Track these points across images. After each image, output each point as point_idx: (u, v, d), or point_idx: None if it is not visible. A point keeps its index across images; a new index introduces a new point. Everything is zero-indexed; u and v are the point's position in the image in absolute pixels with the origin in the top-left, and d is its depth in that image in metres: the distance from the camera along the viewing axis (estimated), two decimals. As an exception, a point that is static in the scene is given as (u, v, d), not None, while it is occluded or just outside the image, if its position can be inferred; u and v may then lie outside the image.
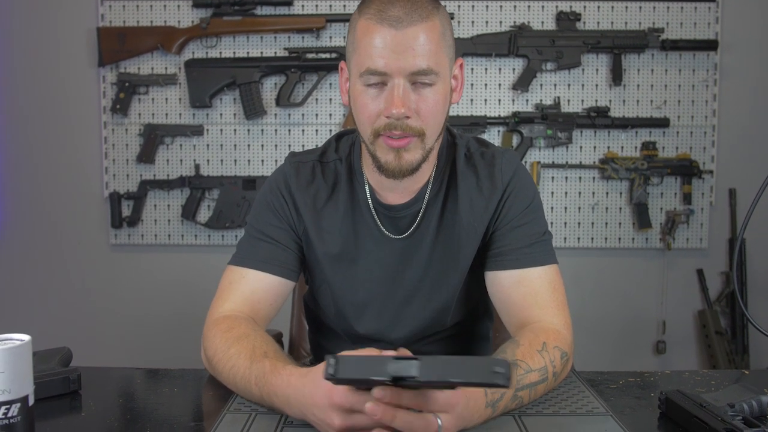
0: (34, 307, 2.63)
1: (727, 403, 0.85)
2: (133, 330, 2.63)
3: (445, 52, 0.97)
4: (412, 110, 0.96)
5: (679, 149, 2.54)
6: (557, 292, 1.05)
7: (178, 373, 1.08)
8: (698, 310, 2.61)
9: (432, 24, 0.95)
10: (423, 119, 0.97)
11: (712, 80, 2.51)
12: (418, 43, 0.93)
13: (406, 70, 0.94)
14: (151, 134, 2.52)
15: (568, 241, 2.56)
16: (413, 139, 0.97)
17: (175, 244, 2.58)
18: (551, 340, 0.96)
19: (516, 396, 0.87)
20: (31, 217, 2.62)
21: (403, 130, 0.96)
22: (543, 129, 2.49)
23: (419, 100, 0.96)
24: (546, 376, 0.92)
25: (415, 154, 0.99)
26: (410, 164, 0.99)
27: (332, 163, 1.12)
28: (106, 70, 2.53)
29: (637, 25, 2.50)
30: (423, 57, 0.94)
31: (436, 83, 0.96)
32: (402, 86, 0.94)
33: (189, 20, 2.51)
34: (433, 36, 0.95)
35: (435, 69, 0.95)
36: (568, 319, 1.04)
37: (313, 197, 1.10)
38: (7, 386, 0.73)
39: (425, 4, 0.96)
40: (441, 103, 0.98)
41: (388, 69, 0.94)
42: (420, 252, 1.09)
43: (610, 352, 2.61)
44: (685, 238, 2.56)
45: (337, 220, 1.09)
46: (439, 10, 0.98)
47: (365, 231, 1.09)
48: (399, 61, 0.93)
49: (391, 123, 0.96)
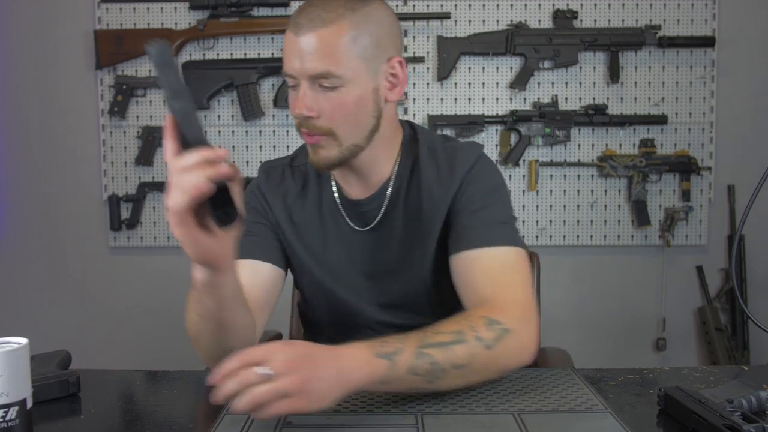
0: (33, 309, 2.63)
1: (725, 399, 0.85)
2: (132, 332, 2.63)
3: (355, 55, 1.00)
4: (316, 111, 1.01)
5: (677, 146, 2.54)
6: (516, 271, 1.02)
7: (177, 375, 1.08)
8: (698, 306, 2.61)
9: (335, 28, 0.98)
10: (329, 120, 1.02)
11: (709, 77, 2.52)
12: (314, 49, 0.98)
13: (305, 73, 0.99)
14: (149, 136, 2.53)
15: (567, 239, 2.56)
16: (322, 137, 1.03)
17: (175, 246, 2.57)
18: (479, 311, 0.94)
19: (421, 353, 0.85)
20: (30, 220, 2.62)
21: (310, 129, 1.03)
22: (541, 127, 2.49)
23: (324, 101, 1.01)
24: (463, 339, 0.88)
25: (330, 151, 1.04)
26: (326, 159, 1.05)
27: (302, 166, 1.18)
28: (103, 73, 2.53)
29: (634, 22, 2.50)
30: (319, 61, 0.98)
31: (343, 86, 1.00)
32: (304, 89, 1.00)
33: (186, 22, 2.51)
34: (333, 40, 0.98)
35: (336, 73, 0.99)
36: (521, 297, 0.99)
37: (283, 196, 1.16)
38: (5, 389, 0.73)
39: (336, 8, 0.99)
40: (350, 104, 1.01)
41: (293, 72, 1.00)
42: (387, 244, 1.13)
43: (611, 349, 2.61)
44: (684, 235, 2.56)
45: (306, 216, 1.15)
46: (355, 12, 1.00)
47: (334, 226, 1.14)
48: (299, 65, 0.99)
49: (300, 122, 1.03)
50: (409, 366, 0.84)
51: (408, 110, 2.53)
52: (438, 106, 2.53)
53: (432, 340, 0.87)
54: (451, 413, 0.88)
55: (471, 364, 0.89)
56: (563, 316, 2.56)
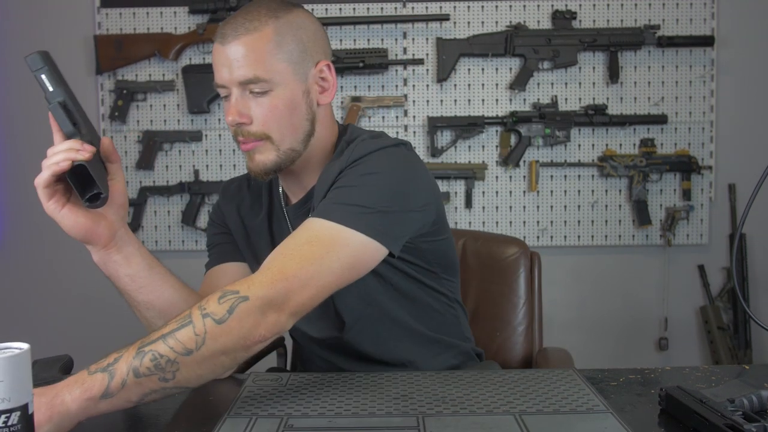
0: (34, 314, 2.63)
1: (727, 399, 0.85)
2: (134, 337, 2.62)
3: (280, 59, 1.02)
4: (248, 116, 1.02)
5: (677, 145, 2.54)
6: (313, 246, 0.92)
7: (179, 379, 1.08)
8: (700, 306, 2.61)
9: (259, 35, 1.01)
10: (262, 124, 1.03)
11: (709, 76, 2.52)
12: (241, 56, 1.00)
13: (234, 80, 1.01)
14: (149, 141, 2.53)
15: (568, 240, 2.56)
16: (258, 143, 1.04)
17: (176, 249, 2.59)
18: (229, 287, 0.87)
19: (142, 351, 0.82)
20: (31, 225, 2.63)
21: (245, 136, 1.04)
22: (541, 128, 2.49)
23: (256, 106, 1.02)
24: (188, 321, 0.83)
25: (268, 155, 1.05)
26: (263, 165, 1.05)
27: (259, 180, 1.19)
28: (103, 78, 2.54)
29: (633, 22, 2.50)
30: (247, 68, 1.00)
31: (273, 89, 1.02)
32: (235, 96, 1.02)
33: (185, 26, 2.52)
34: (258, 46, 1.00)
35: (264, 77, 1.01)
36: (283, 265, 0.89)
37: (237, 206, 1.21)
38: (7, 395, 0.73)
39: (259, 17, 1.02)
40: (282, 108, 1.03)
41: (222, 81, 1.03)
42: None
43: (613, 349, 2.61)
44: (686, 234, 2.56)
45: (257, 224, 1.18)
46: (278, 19, 1.02)
47: (279, 231, 1.16)
48: (227, 74, 1.01)
49: (236, 130, 1.04)
50: (131, 370, 0.80)
51: (408, 112, 2.54)
52: (438, 108, 2.53)
53: (154, 336, 0.83)
54: (452, 414, 0.88)
55: (204, 344, 0.82)
56: (564, 317, 2.56)
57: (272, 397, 0.96)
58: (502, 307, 1.48)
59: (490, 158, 2.54)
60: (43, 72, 0.96)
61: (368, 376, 1.03)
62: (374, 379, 1.02)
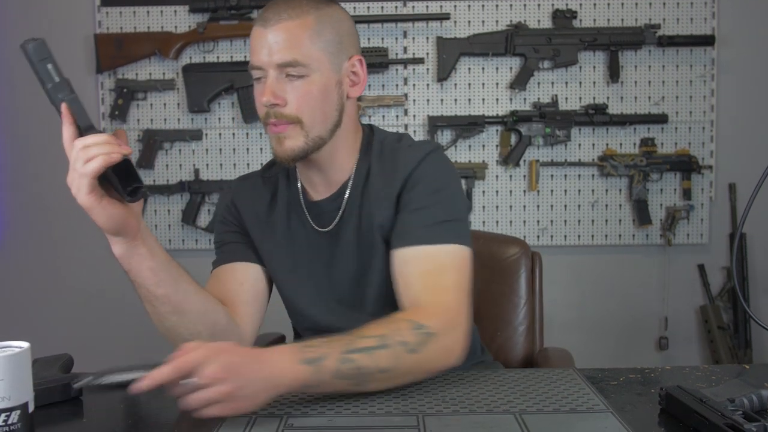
0: (35, 313, 2.63)
1: (727, 398, 0.85)
2: (133, 335, 2.62)
3: (318, 47, 1.05)
4: (283, 99, 1.05)
5: (677, 145, 2.54)
6: (449, 273, 1.03)
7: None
8: (700, 305, 2.61)
9: (301, 22, 1.05)
10: (295, 107, 1.05)
11: (709, 75, 2.52)
12: (283, 38, 1.03)
13: (273, 62, 1.04)
14: (150, 140, 2.53)
15: (568, 239, 2.56)
16: (289, 126, 1.06)
17: (176, 248, 2.59)
18: (402, 315, 0.98)
19: (346, 358, 0.88)
20: (32, 224, 2.63)
21: (277, 118, 1.05)
22: (541, 127, 2.49)
23: (291, 89, 1.05)
24: (386, 343, 0.91)
25: (296, 140, 1.07)
26: (292, 150, 1.07)
27: (274, 176, 1.22)
28: (104, 77, 2.54)
29: (633, 21, 2.50)
30: (287, 50, 1.03)
31: (309, 75, 1.05)
32: (272, 77, 1.04)
33: (186, 25, 2.52)
34: (300, 32, 1.04)
35: (302, 61, 1.04)
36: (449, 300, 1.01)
37: (253, 205, 1.20)
38: (7, 393, 0.73)
39: (301, 5, 1.06)
40: (316, 93, 1.05)
41: (261, 63, 1.05)
42: (345, 244, 1.14)
43: (613, 349, 2.61)
44: (686, 233, 2.56)
45: (275, 219, 1.18)
46: (319, 10, 1.07)
47: (300, 229, 1.17)
48: (265, 56, 1.04)
49: (268, 112, 1.05)
50: (334, 371, 0.88)
51: (408, 111, 2.53)
52: (438, 107, 2.53)
53: (356, 346, 0.90)
54: (452, 414, 0.88)
55: (396, 367, 0.92)
56: (565, 316, 2.56)
57: (272, 396, 0.96)
58: (502, 307, 1.48)
59: (491, 157, 2.54)
60: (49, 61, 0.91)
61: (368, 376, 1.03)
62: (374, 379, 1.02)
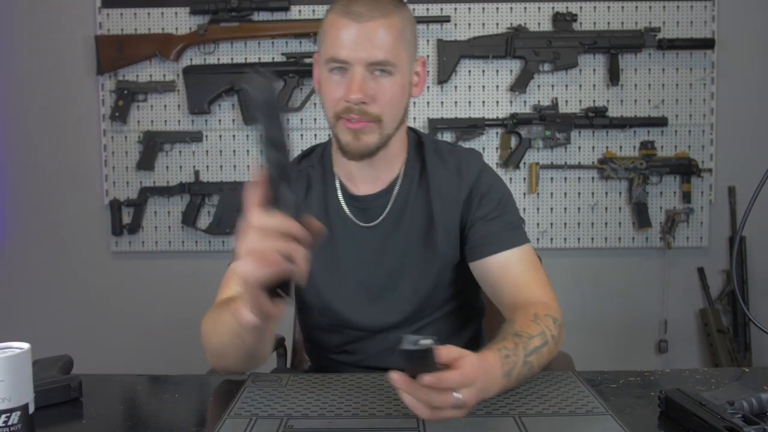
0: (35, 314, 2.63)
1: (726, 401, 0.85)
2: (134, 337, 2.63)
3: (403, 47, 1.08)
4: (369, 97, 1.05)
5: (677, 148, 2.54)
6: (538, 270, 1.15)
7: (179, 380, 1.08)
8: (700, 308, 2.61)
9: (392, 21, 1.06)
10: (379, 106, 1.07)
11: (709, 78, 2.52)
12: (377, 37, 1.04)
13: (364, 60, 1.04)
14: (150, 141, 2.53)
15: (568, 242, 2.56)
16: (369, 123, 1.07)
17: (176, 250, 2.59)
18: (540, 310, 1.04)
19: (527, 362, 0.92)
20: (32, 226, 2.63)
21: (360, 115, 1.06)
22: (541, 130, 2.49)
23: (377, 88, 1.06)
24: (546, 340, 0.99)
25: (373, 137, 1.08)
26: (367, 146, 1.08)
27: (305, 170, 1.21)
28: (104, 78, 2.54)
29: (633, 24, 2.50)
30: (380, 49, 1.04)
31: (393, 74, 1.07)
32: (360, 74, 1.05)
33: (186, 27, 2.52)
34: (391, 31, 1.05)
35: (392, 61, 1.05)
36: (551, 292, 1.13)
37: None
38: (7, 394, 0.73)
39: (386, 4, 1.06)
40: (398, 93, 1.08)
41: (349, 58, 1.04)
42: (395, 240, 1.15)
43: (613, 352, 2.60)
44: (686, 236, 2.56)
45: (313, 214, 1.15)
46: (401, 10, 1.09)
47: (339, 224, 1.16)
48: (359, 52, 1.04)
49: (350, 107, 1.06)
50: (516, 376, 0.91)
51: (408, 113, 2.53)
52: (438, 110, 2.53)
53: (531, 347, 0.95)
54: (452, 416, 0.88)
55: (548, 361, 1.00)
56: (564, 319, 2.53)
57: (272, 397, 0.96)
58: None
59: (491, 160, 2.54)
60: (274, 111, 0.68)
61: (368, 377, 1.03)
62: (374, 380, 1.02)
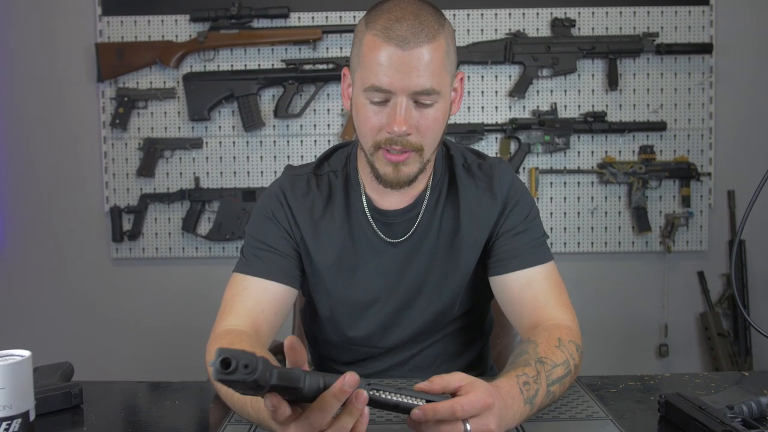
0: (36, 321, 2.63)
1: (726, 405, 0.85)
2: (135, 343, 2.63)
3: (447, 70, 1.00)
4: (413, 127, 0.98)
5: (676, 152, 2.54)
6: (561, 290, 1.10)
7: (180, 386, 1.09)
8: (700, 312, 2.61)
9: (437, 44, 0.97)
10: (422, 136, 1.00)
11: (707, 83, 2.53)
12: (422, 64, 0.95)
13: (409, 89, 0.96)
14: (150, 148, 2.54)
15: (568, 246, 2.56)
16: (412, 154, 1.01)
17: (176, 257, 2.59)
18: (565, 335, 0.99)
19: (549, 391, 0.89)
20: (33, 232, 2.63)
21: (403, 146, 0.99)
22: (540, 135, 2.50)
23: (420, 117, 0.99)
24: (569, 369, 0.94)
25: (413, 167, 1.02)
26: (408, 176, 1.03)
27: (326, 175, 1.15)
28: (105, 86, 2.55)
29: (631, 29, 2.51)
30: (426, 77, 0.96)
31: (438, 101, 0.99)
32: (405, 105, 0.97)
33: (186, 34, 2.53)
34: (437, 56, 0.97)
35: (437, 89, 0.97)
36: (574, 314, 1.08)
37: (310, 209, 1.12)
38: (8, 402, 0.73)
39: (432, 23, 0.97)
40: (441, 120, 1.01)
41: (392, 87, 0.96)
42: (419, 257, 1.12)
43: (613, 356, 2.60)
44: (685, 240, 2.56)
45: (334, 229, 1.12)
46: (445, 28, 0.99)
47: (363, 238, 1.12)
48: (403, 81, 0.95)
49: (392, 138, 0.99)
50: (538, 405, 0.88)
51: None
52: (437, 115, 2.53)
53: (554, 377, 0.91)
54: (452, 422, 0.88)
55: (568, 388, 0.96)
56: (565, 323, 2.55)
57: (272, 404, 0.96)
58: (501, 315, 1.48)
59: (490, 165, 2.54)
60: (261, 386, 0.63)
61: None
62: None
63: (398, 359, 1.17)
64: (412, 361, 1.17)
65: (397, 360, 1.17)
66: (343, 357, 1.19)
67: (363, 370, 1.18)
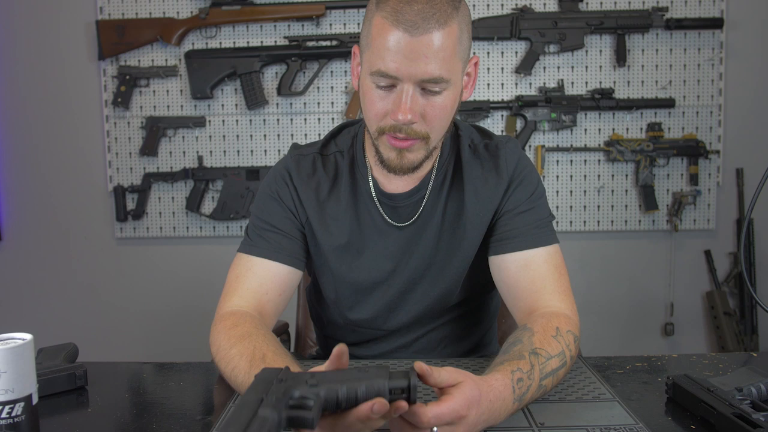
0: (40, 302, 2.64)
1: (734, 387, 0.84)
2: (139, 323, 2.64)
3: (459, 56, 0.95)
4: (419, 115, 0.95)
5: (685, 130, 2.51)
6: (562, 275, 1.06)
7: (184, 367, 1.08)
8: (706, 291, 2.60)
9: (449, 29, 0.92)
10: (428, 123, 0.97)
11: (717, 59, 2.48)
12: (432, 51, 0.91)
13: (416, 76, 0.92)
14: (153, 127, 2.52)
15: (574, 225, 2.55)
16: (417, 141, 0.98)
17: (180, 236, 2.59)
18: (563, 324, 0.95)
19: (541, 385, 0.86)
20: (36, 213, 2.63)
21: (408, 134, 0.97)
22: (547, 112, 2.47)
23: (427, 105, 0.95)
24: (565, 361, 0.91)
25: (418, 154, 1.00)
26: (412, 163, 1.00)
27: (332, 155, 1.13)
28: (106, 64, 2.52)
29: (640, 4, 2.47)
30: (435, 65, 0.92)
31: (446, 89, 0.95)
32: (411, 92, 0.93)
33: (188, 11, 2.50)
34: (448, 42, 0.92)
35: (446, 77, 0.93)
36: (573, 302, 1.04)
37: (315, 189, 1.11)
38: (10, 386, 0.73)
39: (445, 6, 0.92)
40: (449, 108, 0.97)
41: (399, 74, 0.92)
42: (424, 240, 1.10)
43: (619, 335, 2.60)
44: (692, 219, 2.54)
45: (340, 211, 1.10)
46: (459, 11, 0.94)
47: (369, 220, 1.11)
48: (410, 68, 0.92)
49: (397, 125, 0.96)
50: (529, 400, 0.85)
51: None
52: (443, 93, 2.51)
53: (547, 370, 0.88)
54: (457, 403, 0.87)
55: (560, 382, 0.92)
56: (570, 302, 2.55)
57: (277, 385, 0.95)
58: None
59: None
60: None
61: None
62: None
63: (403, 341, 1.16)
64: (417, 344, 1.17)
65: (402, 342, 1.16)
66: (347, 338, 1.19)
67: (368, 351, 1.18)
